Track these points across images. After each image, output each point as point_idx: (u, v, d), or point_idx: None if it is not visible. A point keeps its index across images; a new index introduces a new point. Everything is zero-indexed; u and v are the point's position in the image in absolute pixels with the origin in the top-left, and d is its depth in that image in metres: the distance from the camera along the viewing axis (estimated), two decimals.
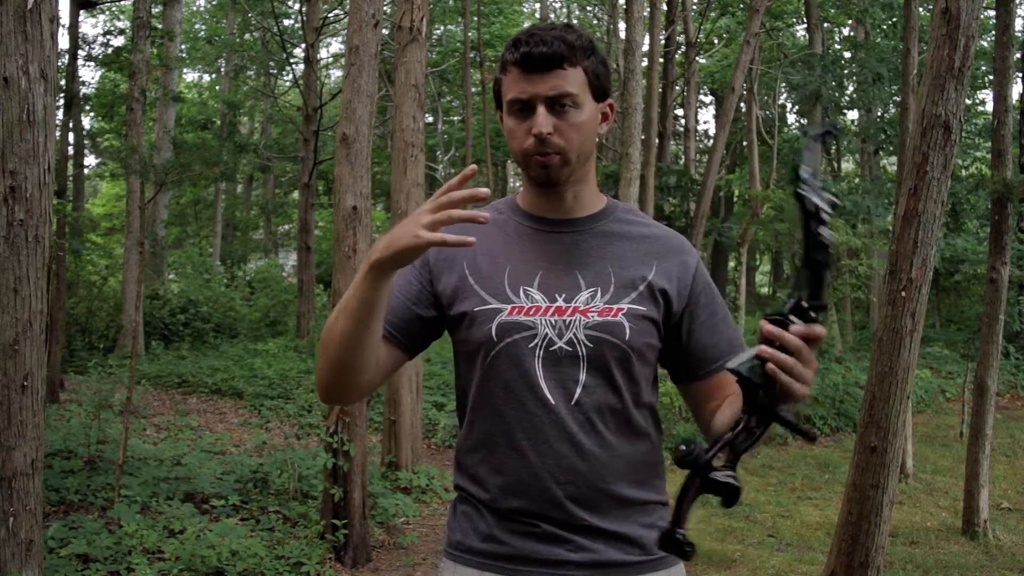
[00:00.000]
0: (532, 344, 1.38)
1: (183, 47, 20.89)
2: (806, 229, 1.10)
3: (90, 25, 22.94)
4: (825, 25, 17.15)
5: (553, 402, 1.37)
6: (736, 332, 1.50)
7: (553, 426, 1.37)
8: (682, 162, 16.46)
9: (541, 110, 1.36)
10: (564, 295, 1.40)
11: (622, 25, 16.48)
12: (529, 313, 1.39)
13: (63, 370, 9.99)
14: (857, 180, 16.06)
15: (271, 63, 21.61)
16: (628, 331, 1.38)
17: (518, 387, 1.38)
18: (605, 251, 1.44)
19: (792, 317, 1.13)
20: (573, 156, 1.39)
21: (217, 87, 25.32)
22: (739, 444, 1.14)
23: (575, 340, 1.38)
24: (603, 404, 1.38)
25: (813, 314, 1.12)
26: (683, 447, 1.13)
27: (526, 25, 22.25)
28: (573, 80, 1.37)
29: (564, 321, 1.38)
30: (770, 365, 1.11)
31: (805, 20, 16.23)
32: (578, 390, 1.38)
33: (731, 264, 17.80)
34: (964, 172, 14.03)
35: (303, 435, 6.38)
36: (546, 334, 1.38)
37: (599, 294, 1.40)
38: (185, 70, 24.63)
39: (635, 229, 1.48)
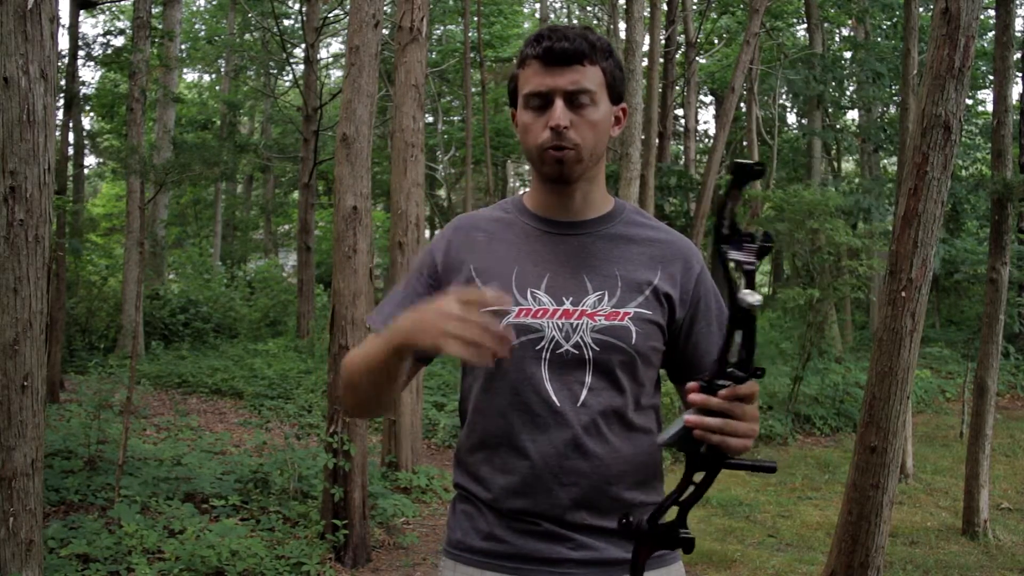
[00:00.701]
0: (539, 347, 1.38)
1: (183, 47, 20.89)
2: (729, 293, 1.10)
3: (90, 25, 22.94)
4: (825, 25, 17.15)
5: (558, 404, 1.38)
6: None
7: (557, 428, 1.37)
8: (682, 162, 16.46)
9: (559, 103, 1.36)
10: (571, 298, 1.40)
11: (622, 25, 16.49)
12: (536, 316, 1.39)
13: (63, 370, 9.99)
14: (857, 180, 16.05)
15: (271, 63, 21.63)
16: (634, 335, 1.39)
17: (523, 389, 1.39)
18: (612, 254, 1.44)
19: (719, 382, 1.13)
20: (587, 153, 1.39)
21: (217, 87, 25.31)
22: (687, 500, 1.17)
23: (582, 343, 1.38)
24: (608, 407, 1.39)
25: (741, 374, 1.12)
26: (623, 520, 1.18)
27: (526, 26, 22.31)
28: (592, 77, 1.38)
29: (571, 324, 1.39)
30: (697, 432, 1.13)
31: (805, 20, 16.25)
32: (583, 392, 1.38)
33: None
34: (964, 172, 14.02)
35: (303, 435, 6.38)
36: (553, 337, 1.38)
37: (606, 298, 1.40)
38: (185, 70, 24.64)
39: (642, 232, 1.48)
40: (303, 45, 14.43)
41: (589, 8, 22.40)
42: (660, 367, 1.48)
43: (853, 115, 20.01)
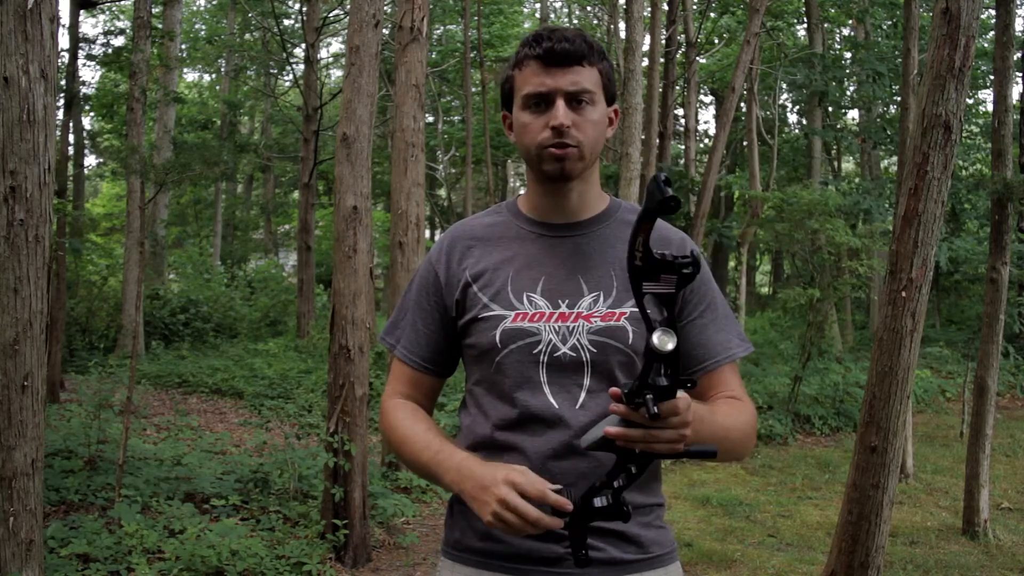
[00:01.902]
0: (536, 350, 1.39)
1: (183, 47, 20.89)
2: (647, 330, 1.11)
3: (90, 25, 22.94)
4: (825, 25, 17.15)
5: (557, 407, 1.38)
6: (732, 333, 1.49)
7: (556, 431, 1.38)
8: (682, 162, 16.46)
9: (560, 103, 1.38)
10: (567, 301, 1.41)
11: (622, 25, 16.49)
12: (533, 320, 1.40)
13: (63, 370, 9.99)
14: (857, 180, 16.05)
15: (271, 63, 21.63)
16: (631, 335, 1.39)
17: (522, 393, 1.39)
18: (607, 254, 1.44)
19: (638, 399, 1.13)
20: (587, 152, 1.41)
21: (217, 87, 25.32)
22: (620, 485, 1.20)
23: (579, 346, 1.39)
24: (607, 408, 1.38)
25: (664, 384, 1.12)
26: (562, 488, 1.25)
27: (527, 25, 22.30)
28: (590, 78, 1.39)
29: (568, 327, 1.39)
30: (619, 442, 1.16)
31: (805, 20, 16.24)
32: (583, 395, 1.39)
33: (731, 264, 17.80)
34: (964, 172, 14.02)
35: (303, 435, 6.38)
36: (550, 340, 1.39)
37: (601, 298, 1.41)
38: (185, 70, 24.64)
39: None
40: (303, 45, 14.43)
41: (589, 8, 22.39)
42: None
43: (853, 114, 20.01)
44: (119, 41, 12.09)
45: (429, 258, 1.52)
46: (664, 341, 1.08)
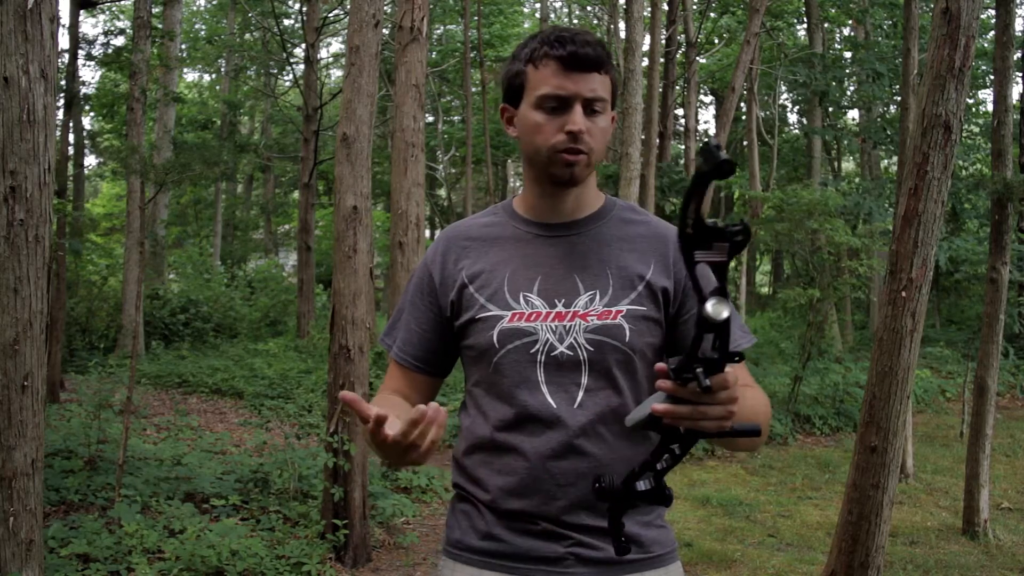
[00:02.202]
0: (533, 350, 1.39)
1: (183, 47, 20.89)
2: (699, 301, 1.04)
3: (90, 25, 22.97)
4: (825, 25, 17.15)
5: (555, 407, 1.38)
6: (736, 326, 1.48)
7: (554, 431, 1.38)
8: (682, 162, 16.46)
9: (578, 108, 1.38)
10: (563, 300, 1.41)
11: (622, 25, 16.49)
12: (529, 319, 1.40)
13: (63, 370, 9.99)
14: (857, 180, 16.05)
15: (271, 63, 21.63)
16: (628, 332, 1.39)
17: (520, 393, 1.39)
18: (603, 252, 1.44)
19: (686, 375, 1.07)
20: (596, 158, 1.42)
21: (217, 87, 25.33)
22: (663, 467, 1.16)
23: (576, 344, 1.39)
24: (605, 407, 1.39)
25: (713, 357, 1.06)
26: (597, 483, 1.19)
27: (527, 25, 22.31)
28: (604, 85, 1.41)
29: (564, 326, 1.39)
30: (666, 420, 1.10)
31: (805, 20, 16.24)
32: (580, 394, 1.39)
33: (731, 264, 17.79)
34: (964, 172, 14.02)
35: (303, 435, 6.37)
36: (547, 340, 1.39)
37: (598, 297, 1.41)
38: (185, 70, 24.64)
39: (632, 229, 1.48)
40: (303, 45, 14.43)
41: (589, 8, 22.40)
42: None
43: (853, 114, 20.01)
44: (119, 41, 12.08)
45: (425, 259, 1.53)
46: (719, 310, 1.02)
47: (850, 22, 17.12)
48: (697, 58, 15.65)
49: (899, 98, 11.47)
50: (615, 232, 1.47)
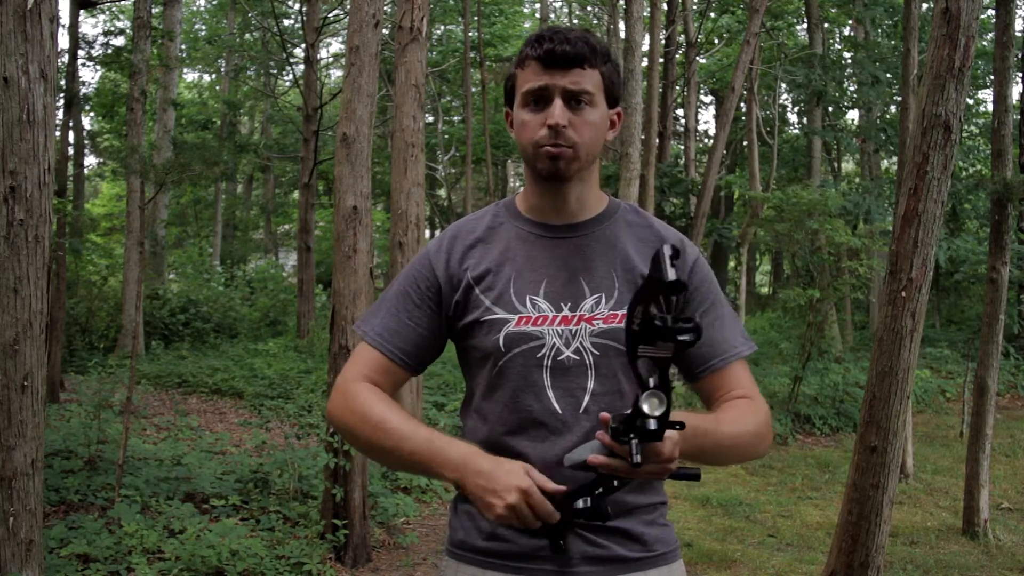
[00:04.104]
0: (540, 354, 1.38)
1: (183, 47, 20.89)
2: (636, 392, 1.14)
3: (90, 25, 22.97)
4: (825, 25, 17.14)
5: (560, 411, 1.37)
6: (737, 332, 1.49)
7: (559, 435, 1.37)
8: (682, 162, 16.46)
9: (558, 102, 1.37)
10: (569, 303, 1.40)
11: (622, 25, 16.48)
12: (536, 323, 1.39)
13: (63, 370, 9.98)
14: (857, 180, 16.05)
15: (271, 63, 21.62)
16: None
17: (525, 396, 1.39)
18: (608, 255, 1.44)
19: (623, 438, 1.15)
20: (583, 152, 1.40)
21: (217, 87, 25.33)
22: (600, 494, 1.24)
23: (582, 349, 1.38)
24: (611, 411, 1.38)
25: (653, 429, 1.13)
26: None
27: (527, 25, 22.30)
28: (590, 80, 1.39)
29: (571, 330, 1.39)
30: (601, 469, 1.21)
31: (805, 20, 16.24)
32: (586, 398, 1.38)
33: (731, 264, 17.80)
34: (964, 173, 14.02)
35: (303, 435, 6.38)
36: (553, 344, 1.39)
37: (603, 300, 1.40)
38: (185, 70, 24.64)
39: (636, 231, 1.48)
40: (303, 45, 14.42)
41: (589, 8, 22.39)
42: None
43: (853, 115, 20.02)
44: (119, 41, 12.08)
45: (427, 253, 1.50)
46: (653, 407, 1.10)
47: (850, 22, 17.12)
48: (697, 58, 15.66)
49: (899, 98, 11.47)
50: (620, 234, 1.46)
